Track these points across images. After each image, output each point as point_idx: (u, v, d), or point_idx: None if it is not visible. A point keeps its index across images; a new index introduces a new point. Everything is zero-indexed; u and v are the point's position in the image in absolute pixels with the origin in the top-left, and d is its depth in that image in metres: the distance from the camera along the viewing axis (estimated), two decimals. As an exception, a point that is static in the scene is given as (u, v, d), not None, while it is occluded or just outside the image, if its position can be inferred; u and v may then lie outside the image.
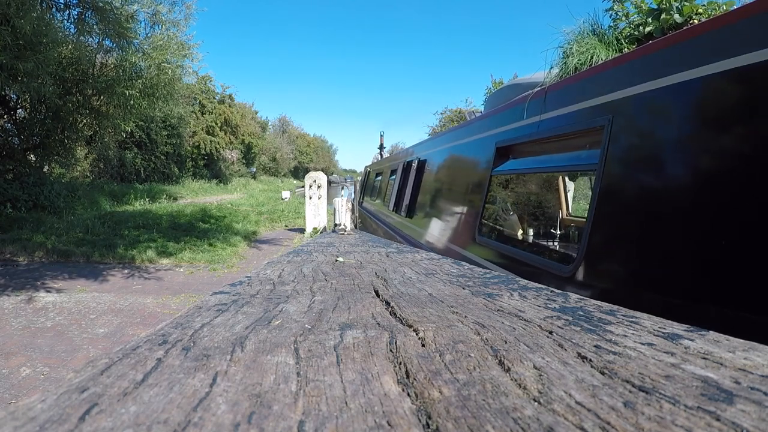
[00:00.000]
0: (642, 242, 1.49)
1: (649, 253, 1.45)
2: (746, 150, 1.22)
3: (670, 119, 1.49)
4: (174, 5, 8.28)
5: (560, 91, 2.21)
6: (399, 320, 0.63)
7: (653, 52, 1.60)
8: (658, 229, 1.42)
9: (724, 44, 1.29)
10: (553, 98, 2.22)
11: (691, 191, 1.36)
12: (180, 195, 17.62)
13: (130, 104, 8.16)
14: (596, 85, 1.88)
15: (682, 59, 1.43)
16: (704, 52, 1.35)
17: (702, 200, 1.31)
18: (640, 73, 1.61)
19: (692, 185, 1.36)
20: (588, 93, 1.92)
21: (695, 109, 1.41)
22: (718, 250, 1.22)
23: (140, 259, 6.77)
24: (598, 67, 2.02)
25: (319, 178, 10.23)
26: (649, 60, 1.60)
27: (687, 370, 0.41)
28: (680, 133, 1.44)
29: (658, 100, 1.51)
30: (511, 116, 2.70)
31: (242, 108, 29.35)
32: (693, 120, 1.42)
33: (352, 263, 1.28)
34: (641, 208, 1.53)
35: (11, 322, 4.09)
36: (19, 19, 5.99)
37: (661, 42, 1.60)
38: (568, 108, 2.06)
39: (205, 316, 0.65)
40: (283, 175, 44.63)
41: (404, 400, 0.37)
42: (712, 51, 1.32)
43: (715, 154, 1.31)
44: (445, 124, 25.01)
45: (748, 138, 1.21)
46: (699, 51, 1.37)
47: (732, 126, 1.28)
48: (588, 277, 1.70)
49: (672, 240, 1.35)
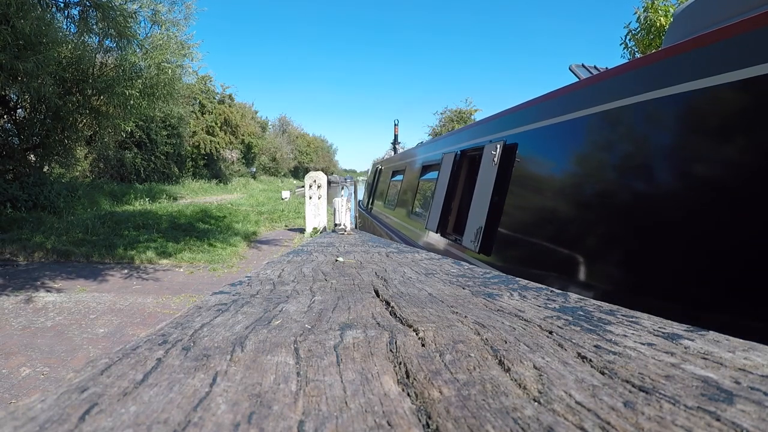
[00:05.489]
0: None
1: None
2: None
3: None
4: (174, 5, 8.29)
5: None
6: (399, 320, 0.63)
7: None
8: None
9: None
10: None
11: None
12: (180, 195, 17.61)
13: (130, 104, 8.16)
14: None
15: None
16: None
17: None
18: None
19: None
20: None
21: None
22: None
23: (140, 259, 6.77)
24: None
25: (319, 178, 10.23)
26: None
27: (687, 370, 0.41)
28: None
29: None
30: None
31: (242, 108, 29.32)
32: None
33: (352, 263, 1.28)
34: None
35: (11, 322, 4.09)
36: (19, 19, 5.99)
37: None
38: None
39: (205, 316, 0.65)
40: (283, 175, 44.60)
41: (404, 400, 0.37)
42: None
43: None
44: (445, 124, 25.01)
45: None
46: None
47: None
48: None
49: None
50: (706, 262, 1.30)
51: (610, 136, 1.83)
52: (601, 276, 1.74)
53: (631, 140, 1.71)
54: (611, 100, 1.80)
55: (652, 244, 1.50)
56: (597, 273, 1.77)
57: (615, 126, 1.79)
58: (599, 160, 1.90)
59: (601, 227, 1.79)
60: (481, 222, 2.68)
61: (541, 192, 2.29)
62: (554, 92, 2.36)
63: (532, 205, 2.35)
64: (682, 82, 1.44)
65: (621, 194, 1.72)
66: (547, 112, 2.32)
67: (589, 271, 1.80)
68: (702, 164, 1.40)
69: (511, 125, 2.72)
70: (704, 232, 1.31)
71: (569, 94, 2.20)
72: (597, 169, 1.89)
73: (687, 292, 1.34)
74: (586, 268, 1.80)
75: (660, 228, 1.48)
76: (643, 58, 1.73)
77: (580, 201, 1.94)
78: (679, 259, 1.39)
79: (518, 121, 2.64)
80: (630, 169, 1.71)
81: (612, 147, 1.83)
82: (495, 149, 2.72)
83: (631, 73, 1.76)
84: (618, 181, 1.76)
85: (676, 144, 1.52)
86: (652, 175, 1.60)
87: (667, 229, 1.44)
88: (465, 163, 3.58)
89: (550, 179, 2.25)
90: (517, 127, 2.62)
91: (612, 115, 1.79)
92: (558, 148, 2.22)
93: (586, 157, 2.00)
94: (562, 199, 2.06)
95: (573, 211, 1.97)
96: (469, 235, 2.82)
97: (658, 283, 1.45)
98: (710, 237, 1.30)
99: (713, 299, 1.26)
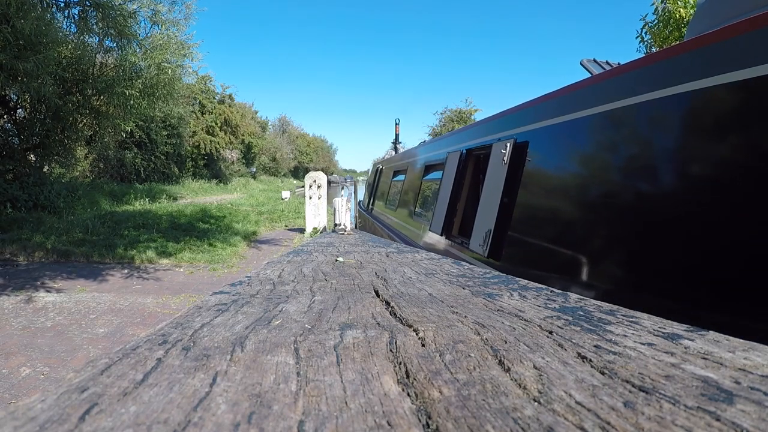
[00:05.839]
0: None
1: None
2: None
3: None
4: (174, 5, 8.30)
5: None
6: (399, 320, 0.63)
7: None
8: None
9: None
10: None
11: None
12: (180, 195, 17.61)
13: (130, 104, 8.17)
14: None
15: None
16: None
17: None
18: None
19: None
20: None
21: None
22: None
23: (140, 259, 6.77)
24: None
25: (319, 178, 10.23)
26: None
27: (687, 370, 0.41)
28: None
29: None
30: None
31: (242, 108, 29.32)
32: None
33: (352, 263, 1.28)
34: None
35: (11, 322, 4.09)
36: (19, 19, 6.00)
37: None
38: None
39: (205, 316, 0.65)
40: (283, 175, 44.61)
41: (404, 400, 0.37)
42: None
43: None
44: (445, 124, 24.97)
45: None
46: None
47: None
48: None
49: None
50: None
51: (637, 132, 1.67)
52: (630, 286, 1.52)
53: (664, 135, 1.53)
54: (639, 93, 1.63)
55: (700, 252, 1.27)
56: (622, 281, 1.56)
57: (642, 121, 1.62)
58: (625, 159, 1.74)
59: (621, 229, 1.64)
60: (490, 225, 2.54)
61: (557, 193, 2.12)
62: (570, 87, 2.19)
63: (546, 208, 2.19)
64: (728, 71, 1.30)
65: (634, 194, 1.57)
66: (562, 108, 2.16)
67: (608, 277, 1.62)
68: (750, 159, 1.24)
69: (522, 122, 2.58)
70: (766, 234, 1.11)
71: (588, 88, 2.03)
72: (620, 169, 1.76)
73: (754, 305, 1.12)
74: (604, 274, 1.64)
75: (709, 232, 1.26)
76: (684, 44, 1.53)
77: (600, 203, 1.83)
78: (740, 265, 1.16)
79: (530, 118, 2.50)
80: (659, 167, 1.53)
81: (638, 144, 1.66)
82: (504, 148, 2.57)
83: (668, 62, 1.54)
84: (638, 180, 1.60)
85: (725, 139, 1.33)
86: (690, 173, 1.40)
87: (718, 234, 1.23)
88: (471, 162, 3.45)
89: (568, 179, 2.09)
90: (529, 124, 2.47)
91: (639, 109, 1.62)
92: (576, 146, 2.05)
93: (608, 156, 1.85)
94: (582, 200, 1.93)
95: (593, 214, 1.85)
96: (477, 239, 2.68)
97: (715, 294, 1.22)
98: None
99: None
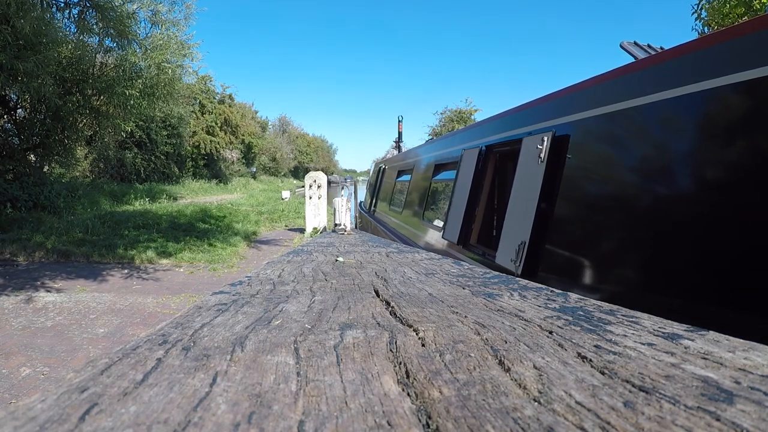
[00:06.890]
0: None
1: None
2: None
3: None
4: (174, 5, 8.29)
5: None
6: (399, 320, 0.63)
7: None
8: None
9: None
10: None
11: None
12: (180, 195, 17.61)
13: (130, 104, 8.15)
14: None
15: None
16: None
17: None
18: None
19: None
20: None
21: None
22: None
23: (140, 259, 6.77)
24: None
25: (319, 178, 10.23)
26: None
27: (687, 370, 0.41)
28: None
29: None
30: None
31: (242, 108, 29.33)
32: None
33: (352, 263, 1.28)
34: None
35: (11, 322, 4.09)
36: (19, 19, 5.99)
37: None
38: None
39: (205, 316, 0.65)
40: (283, 175, 44.60)
41: (404, 400, 0.37)
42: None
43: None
44: (445, 124, 24.97)
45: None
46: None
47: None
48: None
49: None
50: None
51: (726, 119, 1.35)
52: (729, 317, 1.21)
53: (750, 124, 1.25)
54: (727, 73, 1.29)
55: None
56: (715, 308, 1.25)
57: (735, 105, 1.32)
58: (704, 152, 1.43)
59: (707, 242, 1.32)
60: (523, 236, 2.13)
61: (615, 198, 1.74)
62: (626, 67, 1.84)
63: (601, 215, 1.80)
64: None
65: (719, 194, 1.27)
66: (618, 94, 1.78)
67: (692, 302, 1.31)
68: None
69: (563, 112, 2.16)
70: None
71: (653, 68, 1.64)
72: (697, 165, 1.44)
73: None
74: (686, 298, 1.33)
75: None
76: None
77: (674, 210, 1.49)
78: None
79: (573, 107, 2.10)
80: (747, 164, 1.25)
81: (725, 135, 1.34)
82: (540, 142, 2.17)
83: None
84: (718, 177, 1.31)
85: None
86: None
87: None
88: (493, 160, 2.97)
89: (629, 180, 1.71)
90: (572, 114, 2.08)
91: (724, 92, 1.31)
92: (642, 138, 1.66)
93: (680, 150, 1.53)
94: (651, 206, 1.57)
95: (664, 223, 1.50)
96: (507, 252, 2.26)
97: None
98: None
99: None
